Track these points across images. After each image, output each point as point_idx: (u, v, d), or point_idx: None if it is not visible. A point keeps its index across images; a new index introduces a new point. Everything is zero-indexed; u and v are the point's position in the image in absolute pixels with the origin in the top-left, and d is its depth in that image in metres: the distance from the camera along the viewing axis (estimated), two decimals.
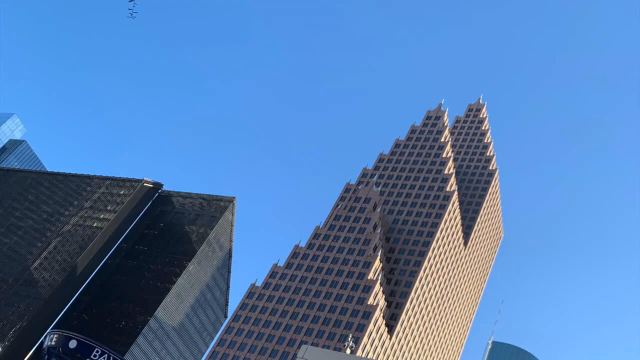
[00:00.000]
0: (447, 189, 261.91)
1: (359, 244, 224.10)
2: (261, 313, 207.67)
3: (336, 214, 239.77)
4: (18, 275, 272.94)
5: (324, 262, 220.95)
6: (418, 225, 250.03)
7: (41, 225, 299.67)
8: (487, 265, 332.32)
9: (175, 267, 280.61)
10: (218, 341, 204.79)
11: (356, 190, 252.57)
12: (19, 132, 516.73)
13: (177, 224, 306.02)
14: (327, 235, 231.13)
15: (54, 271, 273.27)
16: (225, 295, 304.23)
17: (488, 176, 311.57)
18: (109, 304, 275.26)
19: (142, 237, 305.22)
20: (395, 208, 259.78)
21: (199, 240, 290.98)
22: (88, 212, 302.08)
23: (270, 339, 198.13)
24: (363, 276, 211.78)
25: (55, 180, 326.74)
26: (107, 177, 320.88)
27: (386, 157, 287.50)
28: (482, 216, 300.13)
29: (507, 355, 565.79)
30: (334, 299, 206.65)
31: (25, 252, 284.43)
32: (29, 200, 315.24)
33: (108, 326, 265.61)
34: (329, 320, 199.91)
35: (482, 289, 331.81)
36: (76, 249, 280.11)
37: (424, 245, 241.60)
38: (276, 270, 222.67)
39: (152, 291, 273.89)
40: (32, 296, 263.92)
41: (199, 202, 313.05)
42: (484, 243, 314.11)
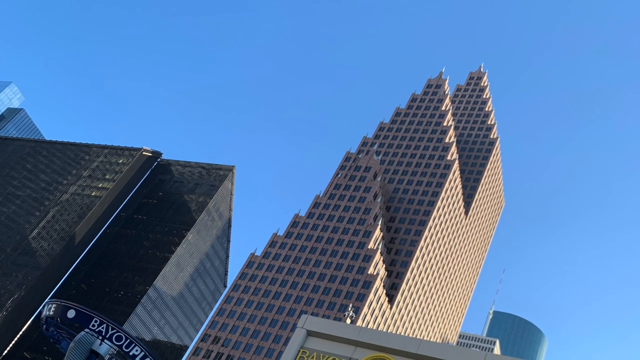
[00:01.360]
0: (448, 157, 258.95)
1: (359, 213, 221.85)
2: (261, 282, 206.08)
3: (336, 183, 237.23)
4: (16, 245, 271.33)
5: (324, 231, 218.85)
6: (419, 194, 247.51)
7: (39, 194, 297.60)
8: (488, 235, 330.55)
9: (174, 237, 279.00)
10: (217, 311, 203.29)
11: (356, 159, 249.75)
12: (17, 100, 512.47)
13: (176, 193, 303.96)
14: (327, 205, 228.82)
15: (53, 240, 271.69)
16: (225, 265, 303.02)
17: (489, 145, 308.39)
18: (107, 274, 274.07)
19: (141, 206, 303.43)
20: (395, 177, 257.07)
21: (198, 209, 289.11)
22: (86, 181, 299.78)
23: (270, 309, 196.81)
24: (363, 245, 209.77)
25: (53, 149, 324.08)
26: (106, 146, 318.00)
27: (387, 125, 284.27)
28: (483, 185, 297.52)
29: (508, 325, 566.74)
30: (334, 268, 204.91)
31: (24, 221, 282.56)
32: (27, 169, 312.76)
33: (107, 296, 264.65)
34: (329, 290, 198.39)
35: (483, 258, 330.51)
36: (74, 218, 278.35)
37: (424, 214, 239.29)
38: (276, 240, 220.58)
39: (151, 260, 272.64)
40: (30, 265, 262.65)
41: (198, 171, 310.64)
42: (485, 212, 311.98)
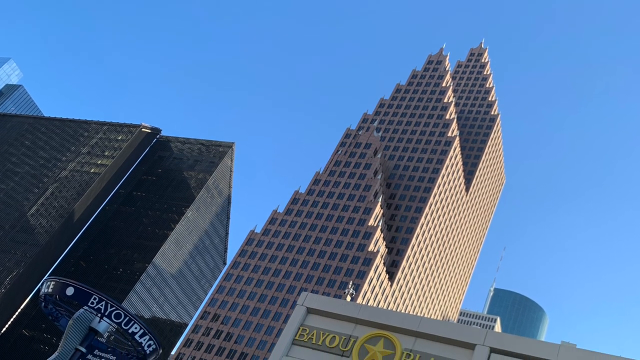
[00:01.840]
0: (449, 134, 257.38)
1: (359, 190, 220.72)
2: (260, 260, 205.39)
3: (336, 160, 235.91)
4: (14, 222, 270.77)
5: (324, 208, 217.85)
6: (419, 171, 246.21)
7: (38, 171, 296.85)
8: (488, 212, 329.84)
9: (173, 214, 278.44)
10: (217, 288, 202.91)
11: (356, 136, 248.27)
12: (16, 76, 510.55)
13: (175, 170, 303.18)
14: (327, 181, 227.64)
15: (51, 217, 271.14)
16: (224, 242, 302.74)
17: (490, 121, 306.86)
18: (106, 251, 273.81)
19: (140, 183, 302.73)
20: (396, 154, 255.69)
21: (198, 186, 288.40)
22: (85, 158, 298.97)
23: (270, 286, 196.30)
24: (363, 222, 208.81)
25: (52, 125, 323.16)
26: (105, 123, 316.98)
27: (387, 102, 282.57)
28: (484, 162, 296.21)
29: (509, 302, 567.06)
30: (334, 245, 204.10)
31: (22, 198, 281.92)
32: (26, 146, 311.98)
33: (106, 273, 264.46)
34: (329, 267, 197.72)
35: (483, 236, 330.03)
36: (73, 195, 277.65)
37: (425, 191, 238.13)
38: (275, 217, 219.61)
39: (150, 238, 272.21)
40: (29, 243, 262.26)
41: (198, 148, 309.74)
42: (485, 189, 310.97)
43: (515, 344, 41.53)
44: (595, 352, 39.63)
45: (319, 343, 44.54)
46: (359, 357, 43.14)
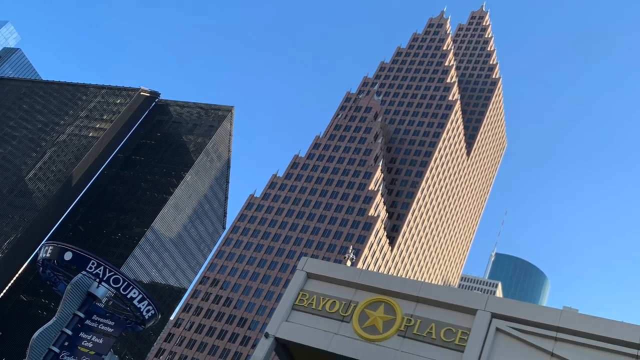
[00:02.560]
0: (450, 97, 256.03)
1: (359, 154, 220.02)
2: (260, 224, 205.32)
3: (336, 124, 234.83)
4: (12, 186, 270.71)
5: (324, 172, 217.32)
6: (420, 135, 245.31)
7: (36, 135, 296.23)
8: (490, 176, 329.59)
9: (172, 178, 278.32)
10: (216, 253, 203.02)
11: (357, 100, 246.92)
12: (14, 40, 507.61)
13: (174, 134, 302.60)
14: (327, 145, 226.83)
15: (49, 182, 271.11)
16: (224, 207, 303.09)
17: (491, 85, 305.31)
18: (105, 215, 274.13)
19: (139, 147, 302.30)
20: (396, 117, 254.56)
21: (197, 150, 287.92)
22: (84, 122, 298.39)
23: (270, 251, 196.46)
24: (364, 187, 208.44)
25: (50, 89, 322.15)
26: (103, 86, 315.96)
27: (387, 65, 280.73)
28: (485, 126, 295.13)
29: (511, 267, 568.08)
30: (334, 210, 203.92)
31: (20, 162, 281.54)
32: (24, 110, 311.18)
33: (104, 238, 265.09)
34: (329, 232, 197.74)
35: (485, 200, 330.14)
36: (71, 159, 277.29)
37: (425, 155, 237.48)
38: (275, 181, 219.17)
39: (149, 202, 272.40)
40: (27, 207, 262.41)
41: (197, 112, 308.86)
42: (487, 153, 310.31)
43: (517, 309, 41.14)
44: (597, 317, 39.22)
45: (319, 308, 44.23)
46: (360, 323, 42.86)
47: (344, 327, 42.86)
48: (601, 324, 38.53)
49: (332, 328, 42.94)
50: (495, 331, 39.93)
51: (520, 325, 39.69)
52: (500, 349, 39.32)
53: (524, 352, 38.73)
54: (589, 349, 37.77)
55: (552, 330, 38.83)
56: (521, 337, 39.18)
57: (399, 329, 41.57)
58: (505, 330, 39.80)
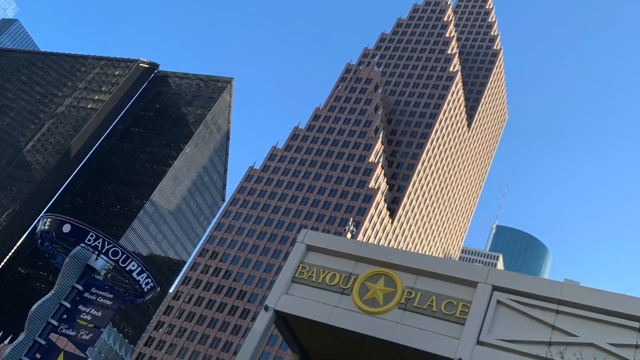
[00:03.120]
0: (450, 69, 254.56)
1: (359, 125, 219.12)
2: (260, 196, 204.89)
3: (336, 95, 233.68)
4: (10, 158, 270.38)
5: (324, 144, 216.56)
6: (420, 106, 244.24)
7: (34, 106, 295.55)
8: (491, 148, 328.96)
9: (171, 150, 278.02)
10: (215, 225, 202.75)
11: (357, 71, 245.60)
12: (12, 10, 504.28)
13: (173, 105, 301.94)
14: (327, 117, 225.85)
15: (48, 153, 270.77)
16: (223, 179, 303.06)
17: (492, 56, 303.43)
18: (104, 187, 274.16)
19: (138, 118, 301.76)
20: (397, 89, 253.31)
21: (196, 122, 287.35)
22: (82, 93, 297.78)
23: (269, 223, 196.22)
24: (364, 159, 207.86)
25: (48, 60, 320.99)
26: (102, 57, 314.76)
27: (387, 36, 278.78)
28: (486, 97, 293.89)
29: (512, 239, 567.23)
30: (335, 182, 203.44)
31: (18, 134, 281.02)
32: (22, 81, 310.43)
33: (103, 210, 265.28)
34: (329, 204, 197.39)
35: (486, 172, 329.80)
36: (70, 131, 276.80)
37: (426, 127, 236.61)
38: (275, 153, 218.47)
39: (148, 174, 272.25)
40: (25, 179, 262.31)
41: (196, 83, 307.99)
42: (487, 125, 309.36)
43: (518, 282, 40.86)
44: (598, 290, 39.11)
45: (319, 281, 44.06)
46: (360, 295, 42.70)
47: (344, 299, 42.72)
48: (603, 296, 38.37)
49: (332, 301, 42.83)
50: (496, 304, 39.80)
51: (521, 298, 39.56)
52: (501, 321, 39.20)
53: (525, 324, 38.61)
54: (590, 322, 37.64)
55: (554, 303, 38.70)
56: (522, 310, 39.05)
57: (399, 302, 41.44)
58: (507, 302, 39.66)
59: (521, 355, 36.99)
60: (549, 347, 36.75)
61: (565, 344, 36.34)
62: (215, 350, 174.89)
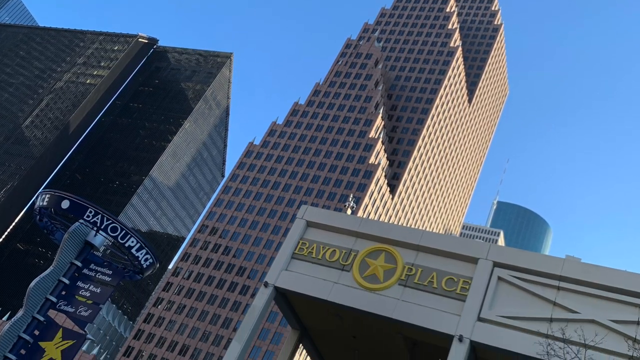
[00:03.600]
0: (451, 44, 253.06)
1: (359, 101, 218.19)
2: (259, 172, 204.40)
3: (336, 71, 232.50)
4: (9, 133, 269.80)
5: (324, 120, 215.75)
6: (421, 82, 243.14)
7: (33, 81, 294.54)
8: (492, 124, 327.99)
9: (170, 125, 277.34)
10: (215, 201, 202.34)
11: (357, 46, 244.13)
12: None
13: (172, 81, 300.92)
14: (327, 93, 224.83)
15: (46, 129, 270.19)
16: (223, 154, 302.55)
17: (493, 31, 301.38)
18: (102, 163, 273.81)
19: (137, 94, 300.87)
20: (397, 64, 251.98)
21: (196, 97, 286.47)
22: (81, 69, 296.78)
23: (269, 199, 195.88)
24: (364, 134, 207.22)
25: (47, 35, 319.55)
26: (101, 33, 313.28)
27: (388, 11, 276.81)
28: (486, 72, 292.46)
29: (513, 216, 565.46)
30: (335, 157, 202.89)
31: (17, 109, 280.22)
32: (20, 56, 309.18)
33: (102, 186, 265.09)
34: (329, 180, 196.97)
35: (486, 148, 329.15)
36: (69, 107, 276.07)
37: (426, 102, 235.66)
38: (275, 129, 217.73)
39: (147, 150, 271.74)
40: (24, 155, 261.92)
41: (196, 58, 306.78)
42: (488, 100, 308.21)
43: (519, 258, 40.59)
44: (600, 266, 38.88)
45: (319, 257, 43.87)
46: (360, 271, 42.51)
47: (344, 276, 42.56)
48: (604, 273, 38.17)
49: (332, 277, 42.66)
50: (497, 280, 39.64)
51: (522, 274, 39.38)
52: (502, 298, 39.04)
53: (527, 301, 38.45)
54: (592, 298, 37.46)
55: (555, 279, 38.53)
56: (523, 286, 38.88)
57: (399, 278, 41.26)
58: (508, 279, 39.48)
59: (522, 332, 36.88)
60: (550, 323, 36.58)
61: (567, 321, 36.19)
62: (214, 327, 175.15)
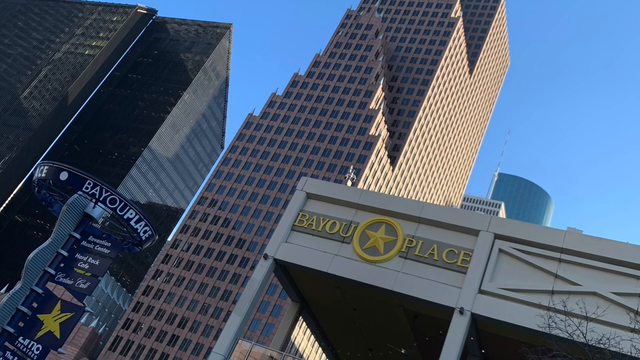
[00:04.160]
0: (452, 14, 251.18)
1: (360, 72, 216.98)
2: (259, 144, 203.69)
3: (337, 41, 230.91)
4: (7, 105, 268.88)
5: (324, 91, 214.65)
6: (422, 52, 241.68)
7: (31, 52, 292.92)
8: (493, 95, 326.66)
9: (169, 97, 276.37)
10: (214, 173, 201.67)
11: (357, 17, 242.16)
12: None
13: (171, 52, 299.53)
14: (327, 64, 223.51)
15: (45, 100, 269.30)
16: (222, 126, 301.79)
17: (494, 1, 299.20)
18: (101, 135, 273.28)
19: (136, 65, 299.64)
20: (398, 35, 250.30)
21: (195, 68, 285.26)
22: (79, 39, 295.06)
23: (269, 171, 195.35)
24: (365, 106, 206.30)
25: (45, 6, 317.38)
26: (99, 3, 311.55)
27: None
28: (488, 43, 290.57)
29: (514, 187, 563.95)
30: (335, 129, 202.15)
31: (15, 80, 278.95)
32: (19, 27, 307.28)
33: (100, 157, 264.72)
34: (329, 151, 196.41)
35: (487, 119, 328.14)
36: (67, 78, 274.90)
37: (427, 73, 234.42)
38: (275, 100, 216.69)
39: (146, 121, 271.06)
40: (22, 126, 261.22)
41: (195, 29, 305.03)
42: (489, 71, 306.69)
43: (520, 230, 40.51)
44: (602, 238, 38.76)
45: (319, 229, 43.74)
46: (360, 244, 42.36)
47: (344, 248, 42.45)
48: (606, 245, 38.10)
49: (332, 249, 42.54)
50: (498, 252, 39.56)
51: (523, 247, 39.34)
52: (503, 270, 38.98)
53: (528, 273, 38.40)
54: (593, 271, 37.47)
55: (556, 252, 38.47)
56: (524, 259, 38.81)
57: (400, 250, 41.17)
58: (509, 251, 39.38)
59: (523, 304, 36.87)
60: (551, 296, 36.54)
61: (568, 293, 36.13)
62: (214, 299, 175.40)
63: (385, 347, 51.24)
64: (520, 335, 36.98)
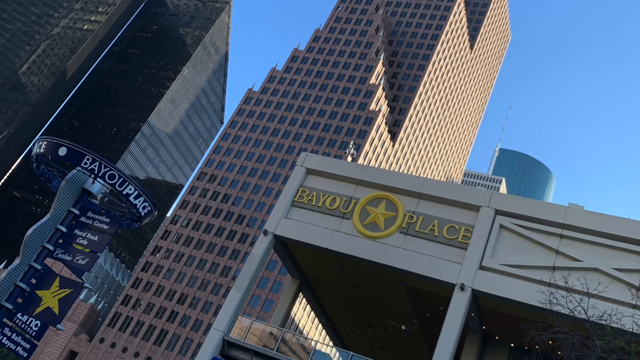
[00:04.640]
0: None
1: (360, 47, 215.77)
2: (259, 119, 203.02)
3: (337, 16, 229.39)
4: (5, 80, 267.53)
5: (325, 66, 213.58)
6: (422, 27, 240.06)
7: (29, 27, 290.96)
8: (494, 69, 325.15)
9: (169, 72, 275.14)
10: (214, 148, 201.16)
11: None
12: None
13: (171, 27, 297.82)
14: (327, 38, 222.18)
15: (43, 75, 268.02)
16: (222, 101, 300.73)
17: None
18: (100, 110, 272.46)
19: (135, 40, 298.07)
20: (398, 9, 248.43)
21: (194, 43, 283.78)
22: (78, 14, 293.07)
23: (268, 146, 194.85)
24: (365, 81, 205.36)
25: None
26: None
27: None
28: (488, 18, 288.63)
29: (515, 163, 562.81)
30: (335, 104, 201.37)
31: (13, 55, 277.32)
32: (17, 2, 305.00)
33: (99, 132, 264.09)
34: (330, 127, 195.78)
35: (488, 94, 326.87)
36: (66, 53, 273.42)
37: (428, 48, 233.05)
38: (274, 75, 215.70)
39: (145, 96, 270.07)
40: (20, 102, 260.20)
41: (194, 4, 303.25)
42: (490, 46, 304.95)
43: (521, 206, 40.35)
44: (603, 214, 38.58)
45: (319, 205, 43.55)
46: (360, 219, 42.18)
47: (344, 224, 42.30)
48: (607, 220, 37.94)
49: (332, 225, 42.40)
50: (499, 228, 39.41)
51: (524, 222, 39.18)
52: (504, 246, 38.85)
53: (529, 249, 38.27)
54: (595, 246, 37.33)
55: (558, 228, 38.31)
56: (526, 235, 38.66)
57: (400, 226, 41.01)
58: (510, 227, 39.22)
59: (524, 280, 36.77)
60: (552, 272, 36.44)
61: (569, 269, 36.02)
62: (213, 275, 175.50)
63: (386, 323, 51.26)
64: (521, 311, 36.92)
